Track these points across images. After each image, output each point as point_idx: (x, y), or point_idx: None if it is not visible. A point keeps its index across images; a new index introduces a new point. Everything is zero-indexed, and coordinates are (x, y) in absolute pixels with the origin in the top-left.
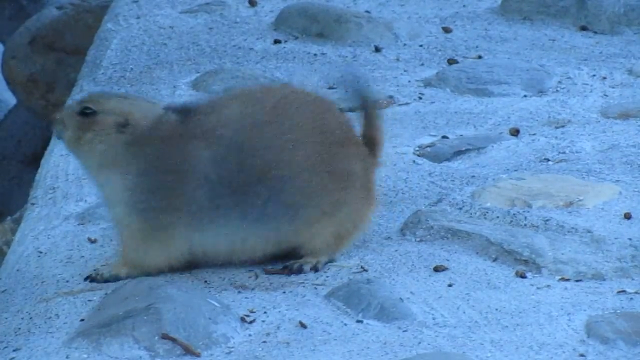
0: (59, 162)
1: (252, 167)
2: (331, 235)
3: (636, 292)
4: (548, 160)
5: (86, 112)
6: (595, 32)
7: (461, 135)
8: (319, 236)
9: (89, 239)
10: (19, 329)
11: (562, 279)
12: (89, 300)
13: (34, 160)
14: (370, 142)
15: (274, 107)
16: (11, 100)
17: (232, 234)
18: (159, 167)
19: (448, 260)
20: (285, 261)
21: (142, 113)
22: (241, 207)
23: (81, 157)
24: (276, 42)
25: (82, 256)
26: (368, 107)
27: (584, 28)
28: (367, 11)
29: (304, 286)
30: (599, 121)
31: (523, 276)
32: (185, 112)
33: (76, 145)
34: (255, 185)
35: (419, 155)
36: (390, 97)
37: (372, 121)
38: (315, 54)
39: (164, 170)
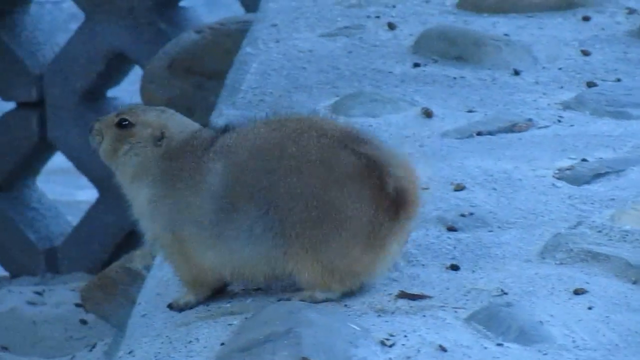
0: None
1: (246, 185)
2: (319, 270)
3: None
4: None
5: (123, 124)
6: None
7: (600, 158)
8: (306, 270)
9: None
10: (159, 353)
11: None
12: (229, 324)
13: None
14: (400, 195)
15: (290, 132)
16: None
17: (228, 254)
18: (180, 179)
19: (588, 283)
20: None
21: (179, 127)
22: (235, 224)
23: (116, 169)
24: (415, 65)
25: None
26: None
27: None
28: (505, 34)
29: (444, 309)
30: None
31: None
32: (219, 130)
33: (111, 157)
34: (247, 203)
35: (558, 178)
36: (530, 120)
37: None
38: (454, 77)
39: (184, 181)
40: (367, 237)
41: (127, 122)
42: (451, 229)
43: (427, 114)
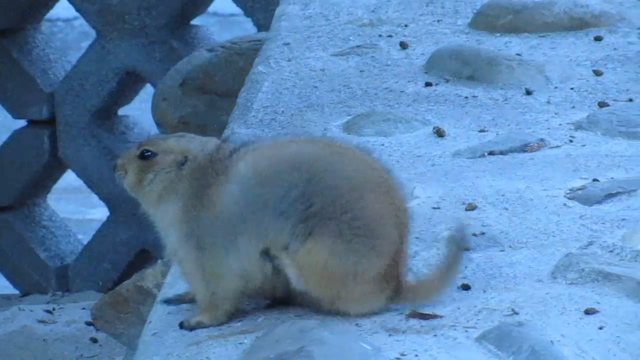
0: None
1: (258, 197)
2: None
3: None
4: None
5: (146, 155)
6: None
7: (612, 178)
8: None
9: None
10: None
11: None
12: (240, 343)
13: None
14: (424, 283)
15: (315, 149)
16: None
17: (246, 253)
18: (207, 185)
19: (599, 303)
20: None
21: (200, 147)
22: (247, 234)
23: (142, 198)
24: (427, 84)
25: None
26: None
27: None
28: (518, 54)
29: (455, 329)
30: None
31: None
32: (239, 144)
33: (138, 188)
34: (260, 214)
35: (569, 198)
36: (541, 140)
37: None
38: (466, 97)
39: (210, 185)
40: (390, 260)
41: (149, 153)
42: None
43: (439, 133)
